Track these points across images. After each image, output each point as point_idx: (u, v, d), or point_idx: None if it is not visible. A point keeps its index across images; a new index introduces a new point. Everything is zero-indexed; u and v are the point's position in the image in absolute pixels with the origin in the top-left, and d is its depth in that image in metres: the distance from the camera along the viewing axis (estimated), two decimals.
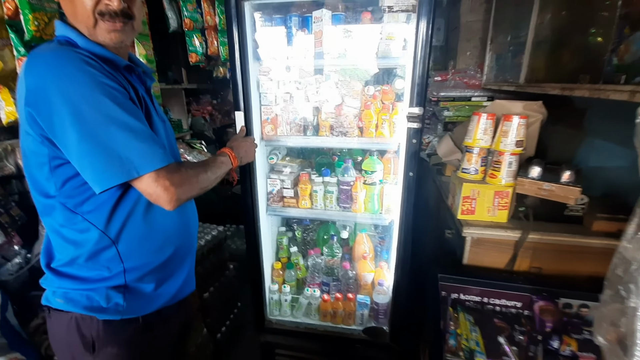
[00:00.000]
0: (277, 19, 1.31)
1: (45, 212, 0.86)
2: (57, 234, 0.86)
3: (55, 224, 0.85)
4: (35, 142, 0.78)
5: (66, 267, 0.87)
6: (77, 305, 0.86)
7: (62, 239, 0.85)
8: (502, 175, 1.24)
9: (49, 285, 0.89)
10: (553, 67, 1.30)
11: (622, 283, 0.69)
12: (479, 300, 1.28)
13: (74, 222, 0.83)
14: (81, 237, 0.84)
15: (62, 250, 0.87)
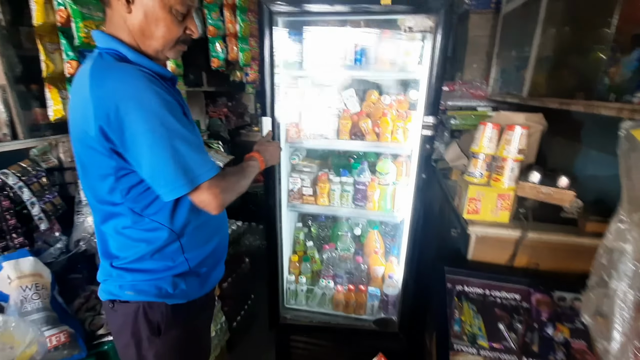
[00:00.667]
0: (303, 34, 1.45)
1: (109, 218, 0.94)
2: (122, 235, 0.94)
3: (120, 227, 0.93)
4: (102, 156, 0.84)
5: (135, 264, 0.96)
6: (147, 294, 0.95)
7: (129, 239, 0.94)
8: (505, 180, 1.37)
9: (115, 281, 0.97)
10: (553, 83, 1.44)
11: (605, 270, 0.82)
12: (481, 292, 1.41)
13: (142, 224, 0.93)
14: (151, 236, 0.94)
15: (128, 249, 0.95)
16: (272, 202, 1.61)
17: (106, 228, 0.96)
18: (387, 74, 1.45)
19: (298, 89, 1.55)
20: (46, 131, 1.64)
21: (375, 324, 1.74)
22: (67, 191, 1.74)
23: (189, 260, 1.00)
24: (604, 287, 0.84)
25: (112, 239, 0.97)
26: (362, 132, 1.55)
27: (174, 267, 0.98)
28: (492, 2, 2.25)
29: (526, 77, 1.64)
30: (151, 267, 0.96)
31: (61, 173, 1.71)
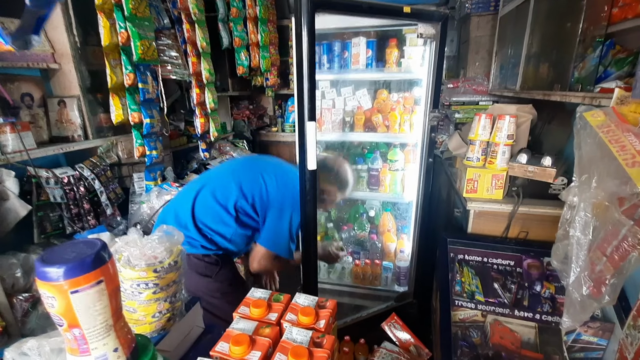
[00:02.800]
0: (324, 44, 1.72)
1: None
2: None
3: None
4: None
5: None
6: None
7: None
8: (498, 162, 1.60)
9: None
10: (539, 77, 1.65)
11: (568, 223, 1.05)
12: (480, 259, 1.64)
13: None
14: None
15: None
16: (308, 190, 1.86)
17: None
18: (394, 74, 1.70)
19: (318, 90, 1.81)
20: (108, 132, 1.96)
21: (396, 300, 1.97)
22: (124, 183, 2.06)
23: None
24: (567, 237, 1.06)
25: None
26: (374, 125, 1.80)
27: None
28: (491, 5, 2.47)
29: (519, 72, 1.86)
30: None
31: (119, 168, 2.04)
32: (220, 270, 1.48)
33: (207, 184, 1.47)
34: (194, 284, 1.45)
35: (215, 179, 1.51)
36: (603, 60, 1.22)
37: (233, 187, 1.44)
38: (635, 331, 0.81)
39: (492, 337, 1.40)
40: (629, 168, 0.84)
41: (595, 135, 0.97)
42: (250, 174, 1.48)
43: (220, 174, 1.55)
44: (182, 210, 1.45)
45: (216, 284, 1.47)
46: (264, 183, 1.45)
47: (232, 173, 1.51)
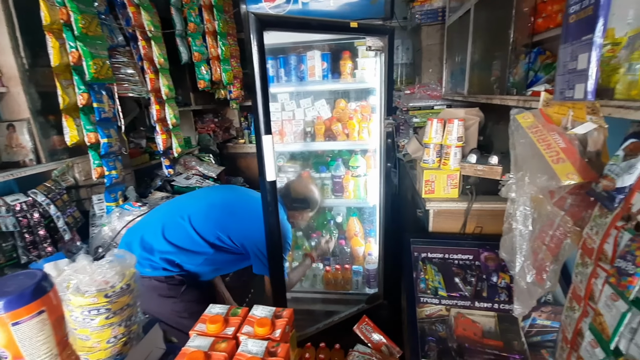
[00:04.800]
0: (281, 57, 1.76)
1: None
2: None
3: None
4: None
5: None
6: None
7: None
8: (451, 163, 1.70)
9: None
10: (482, 82, 1.78)
11: (511, 217, 1.14)
12: (441, 256, 1.72)
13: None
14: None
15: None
16: (270, 200, 1.88)
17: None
18: (350, 85, 1.77)
19: (278, 103, 1.85)
20: (63, 155, 1.88)
21: (367, 302, 2.02)
22: (83, 206, 1.98)
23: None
24: (510, 230, 1.15)
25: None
26: (334, 134, 1.86)
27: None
28: (438, 16, 2.62)
29: (465, 78, 1.99)
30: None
31: (77, 190, 1.96)
32: (185, 290, 1.46)
33: (181, 213, 1.49)
34: (157, 306, 1.42)
35: (190, 209, 1.52)
36: (533, 66, 1.34)
37: (210, 224, 1.47)
38: (571, 312, 0.89)
39: (456, 330, 1.47)
40: (554, 164, 0.93)
41: (526, 135, 1.06)
42: (226, 213, 1.53)
43: (197, 205, 1.56)
44: (150, 235, 1.43)
45: (182, 304, 1.45)
46: (244, 223, 1.51)
47: (209, 207, 1.54)
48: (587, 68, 0.81)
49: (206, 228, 1.46)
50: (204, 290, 1.59)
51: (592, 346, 0.78)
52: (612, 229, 0.75)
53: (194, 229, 1.44)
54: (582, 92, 0.83)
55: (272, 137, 1.32)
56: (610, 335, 0.72)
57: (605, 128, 0.85)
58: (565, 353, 0.90)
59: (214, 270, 1.60)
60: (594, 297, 0.79)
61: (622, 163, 0.76)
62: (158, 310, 1.45)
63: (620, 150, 0.78)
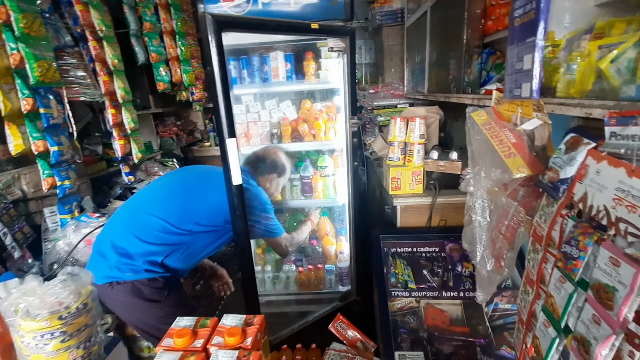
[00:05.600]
0: (243, 58, 1.73)
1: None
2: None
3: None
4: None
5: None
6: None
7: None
8: (415, 159, 1.76)
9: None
10: (440, 81, 1.86)
11: (470, 209, 1.20)
12: (410, 250, 1.78)
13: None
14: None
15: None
16: (238, 204, 1.84)
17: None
18: (314, 85, 1.77)
19: (242, 105, 1.82)
20: (8, 166, 1.73)
21: (341, 300, 2.04)
22: (34, 220, 1.84)
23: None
24: (470, 222, 1.22)
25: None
26: (301, 134, 1.86)
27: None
28: (398, 17, 2.70)
29: (425, 77, 2.06)
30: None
31: (25, 204, 1.81)
32: (169, 294, 1.41)
33: (148, 210, 1.42)
34: (143, 312, 1.37)
35: (155, 203, 1.45)
36: (485, 66, 1.42)
37: (179, 211, 1.42)
38: (526, 295, 0.96)
39: (426, 320, 1.53)
40: (507, 159, 1.00)
41: (480, 132, 1.13)
42: (196, 197, 1.47)
43: (159, 197, 1.50)
44: (121, 240, 1.37)
45: (166, 308, 1.40)
46: (205, 209, 1.46)
47: (171, 196, 1.48)
48: (532, 68, 0.87)
49: (177, 216, 1.40)
50: (185, 296, 1.56)
51: (545, 326, 0.84)
52: (558, 217, 0.82)
53: (166, 222, 1.38)
54: (528, 90, 0.89)
55: (236, 140, 1.30)
56: (560, 314, 0.78)
57: (549, 124, 0.92)
58: (522, 334, 0.97)
59: (199, 259, 1.57)
60: (544, 280, 0.86)
61: (564, 156, 0.83)
62: (142, 317, 1.41)
63: (562, 144, 0.85)
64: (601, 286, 0.66)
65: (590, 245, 0.69)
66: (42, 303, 0.55)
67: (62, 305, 0.56)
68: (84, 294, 0.61)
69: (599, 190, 0.70)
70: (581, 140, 0.80)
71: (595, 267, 0.68)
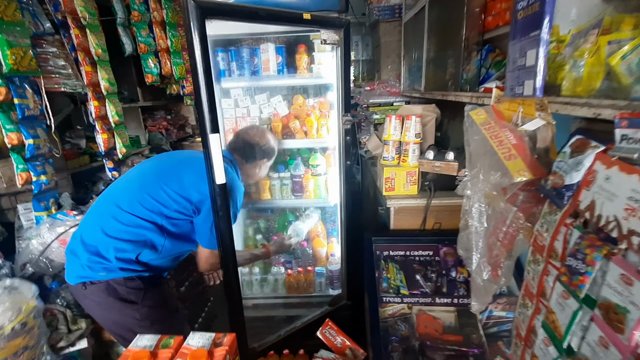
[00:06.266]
0: (232, 50, 1.65)
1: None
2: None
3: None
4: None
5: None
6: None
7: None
8: (410, 159, 1.69)
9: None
10: (438, 79, 1.79)
11: (467, 213, 1.13)
12: (403, 253, 1.71)
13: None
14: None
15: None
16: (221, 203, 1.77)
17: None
18: (306, 80, 1.69)
19: (231, 99, 1.73)
20: None
21: (330, 305, 1.97)
22: (6, 217, 1.74)
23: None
24: (467, 227, 1.15)
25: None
26: (292, 131, 1.78)
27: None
28: (395, 12, 2.62)
29: (422, 74, 1.99)
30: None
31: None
32: (146, 294, 1.31)
33: (115, 201, 1.32)
34: (118, 314, 1.29)
35: (125, 194, 1.34)
36: (484, 63, 1.35)
37: (149, 199, 1.30)
38: (524, 309, 0.89)
39: (418, 328, 1.46)
40: (506, 161, 0.93)
41: (479, 132, 1.06)
42: (160, 184, 1.32)
43: (128, 187, 1.38)
44: (89, 236, 1.28)
45: (143, 310, 1.31)
46: (183, 189, 1.32)
47: (143, 186, 1.34)
48: (535, 64, 0.80)
49: (143, 207, 1.29)
50: (166, 296, 1.44)
51: (545, 344, 0.78)
52: (561, 226, 0.75)
53: (132, 214, 1.28)
54: (531, 88, 0.82)
55: (219, 136, 1.22)
56: (563, 333, 0.71)
57: (552, 124, 0.85)
58: (520, 350, 0.90)
59: (178, 255, 1.45)
60: (545, 294, 0.79)
61: (569, 160, 0.76)
62: (117, 319, 1.32)
63: (567, 147, 0.79)
64: (610, 306, 0.60)
65: (598, 260, 0.62)
66: None
67: None
68: (24, 311, 0.53)
69: (609, 199, 0.63)
70: (588, 143, 0.73)
71: (604, 284, 0.61)
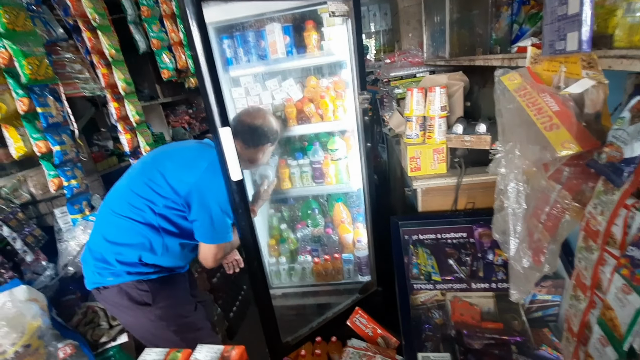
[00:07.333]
0: (237, 35, 1.57)
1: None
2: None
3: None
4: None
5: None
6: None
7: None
8: (436, 135, 1.55)
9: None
10: (463, 42, 1.60)
11: (502, 193, 1.01)
12: (434, 237, 1.61)
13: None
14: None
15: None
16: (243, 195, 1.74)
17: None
18: (317, 59, 1.58)
19: (241, 87, 1.67)
20: (12, 169, 1.71)
21: (361, 292, 1.92)
22: (46, 222, 1.84)
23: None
24: (502, 209, 1.02)
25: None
26: (308, 116, 1.69)
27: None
28: None
29: (446, 39, 1.80)
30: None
31: (35, 206, 1.80)
32: (159, 295, 1.32)
33: (110, 206, 1.32)
34: (135, 316, 1.31)
35: (116, 197, 1.34)
36: (517, 18, 1.17)
37: (136, 198, 1.27)
38: (576, 302, 0.78)
39: (453, 315, 1.38)
40: (547, 132, 0.79)
41: (513, 99, 0.92)
42: (144, 180, 1.29)
43: (119, 190, 1.36)
44: (93, 242, 1.31)
45: (158, 310, 1.32)
46: (166, 183, 1.26)
47: (129, 185, 1.32)
48: (580, 11, 0.65)
49: (136, 205, 1.26)
50: (179, 292, 1.43)
51: (601, 344, 0.67)
52: (620, 208, 0.62)
53: (124, 217, 1.26)
54: (576, 42, 0.68)
55: (230, 130, 1.16)
56: (624, 333, 0.60)
57: (605, 84, 0.70)
58: (572, 346, 0.80)
59: (185, 252, 1.41)
60: (601, 287, 0.67)
61: (629, 127, 0.62)
62: (135, 321, 1.35)
63: (626, 111, 0.64)
64: None
65: None
66: None
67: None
68: (28, 333, 0.52)
69: None
70: None
71: None
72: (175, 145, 1.49)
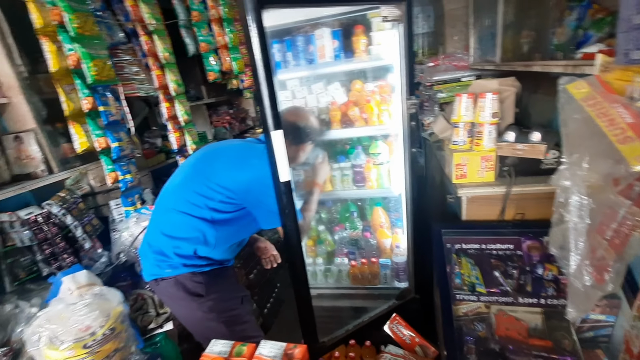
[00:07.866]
0: (287, 40, 1.61)
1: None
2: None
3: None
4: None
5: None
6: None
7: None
8: (485, 143, 1.50)
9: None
10: (518, 47, 1.55)
11: (562, 206, 0.96)
12: (478, 247, 1.55)
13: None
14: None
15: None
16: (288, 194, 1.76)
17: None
18: (365, 63, 1.59)
19: (288, 91, 1.71)
20: (75, 162, 1.86)
21: (398, 299, 1.90)
22: (102, 212, 1.97)
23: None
24: (562, 222, 0.98)
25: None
26: (351, 119, 1.70)
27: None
28: None
29: (497, 43, 1.75)
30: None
31: (94, 197, 1.94)
32: (212, 287, 1.39)
33: (167, 203, 1.40)
34: (188, 308, 1.38)
35: (173, 195, 1.41)
36: (582, 23, 1.11)
37: (195, 195, 1.34)
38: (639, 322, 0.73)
39: (498, 329, 1.33)
40: (620, 145, 0.75)
41: (580, 109, 0.87)
42: (200, 178, 1.36)
43: (175, 187, 1.44)
44: (151, 236, 1.40)
45: (209, 302, 1.39)
46: (220, 180, 1.33)
47: (185, 183, 1.40)
48: None
49: (195, 202, 1.33)
50: (228, 285, 1.50)
51: None
52: None
53: (181, 212, 1.33)
54: None
55: (282, 132, 1.19)
56: None
57: None
58: None
59: (237, 245, 1.51)
60: None
61: None
62: (188, 312, 1.42)
63: None
64: None
65: None
66: (66, 330, 0.51)
67: (88, 331, 0.52)
68: (112, 317, 0.57)
69: None
70: None
71: None
72: (224, 144, 1.57)
